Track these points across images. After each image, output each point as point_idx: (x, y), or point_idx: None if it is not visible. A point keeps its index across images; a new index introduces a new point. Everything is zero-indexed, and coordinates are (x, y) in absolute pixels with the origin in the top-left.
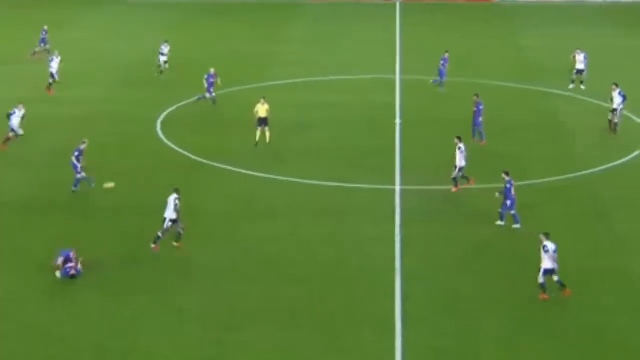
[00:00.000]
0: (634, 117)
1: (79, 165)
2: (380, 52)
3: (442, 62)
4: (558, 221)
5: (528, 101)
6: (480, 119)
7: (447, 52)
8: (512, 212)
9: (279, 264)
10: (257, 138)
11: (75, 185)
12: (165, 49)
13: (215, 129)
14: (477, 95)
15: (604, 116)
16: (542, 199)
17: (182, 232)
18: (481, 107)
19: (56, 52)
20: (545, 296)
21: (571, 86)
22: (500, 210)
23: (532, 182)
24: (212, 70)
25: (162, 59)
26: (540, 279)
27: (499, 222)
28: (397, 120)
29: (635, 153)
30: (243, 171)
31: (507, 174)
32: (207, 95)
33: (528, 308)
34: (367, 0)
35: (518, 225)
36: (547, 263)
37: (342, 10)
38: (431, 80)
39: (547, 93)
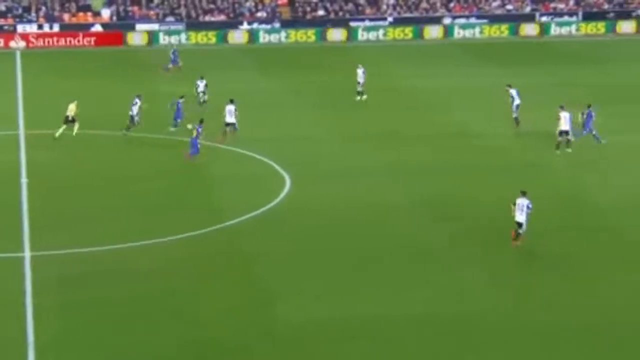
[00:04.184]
0: (274, 164)
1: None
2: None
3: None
4: (201, 277)
5: (164, 151)
6: None
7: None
8: None
9: None
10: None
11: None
12: None
13: None
14: None
15: (244, 163)
16: (183, 256)
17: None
18: None
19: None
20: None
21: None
22: None
23: (171, 238)
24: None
25: None
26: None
27: None
28: (23, 179)
29: (276, 201)
30: None
31: None
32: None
33: None
34: None
35: None
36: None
37: None
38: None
39: (186, 143)
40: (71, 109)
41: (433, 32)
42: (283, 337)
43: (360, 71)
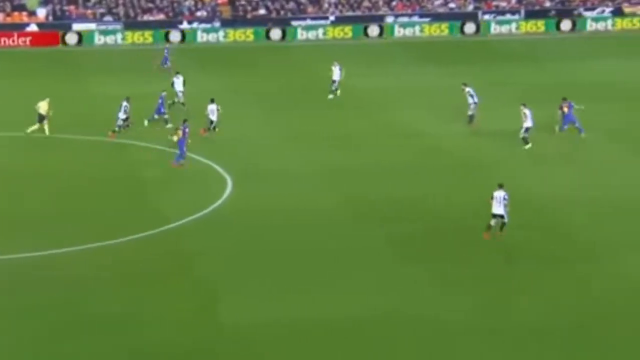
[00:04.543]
0: (214, 165)
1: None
2: None
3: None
4: (147, 280)
5: (105, 154)
6: None
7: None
8: None
9: None
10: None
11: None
12: None
13: None
14: None
15: (185, 164)
16: (128, 259)
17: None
18: None
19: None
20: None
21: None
22: None
23: (115, 241)
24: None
25: None
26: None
27: None
28: None
29: (219, 202)
30: None
31: None
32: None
33: None
34: None
35: None
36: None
37: None
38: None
39: (125, 144)
40: (42, 107)
41: (373, 30)
42: (230, 339)
43: (336, 68)
